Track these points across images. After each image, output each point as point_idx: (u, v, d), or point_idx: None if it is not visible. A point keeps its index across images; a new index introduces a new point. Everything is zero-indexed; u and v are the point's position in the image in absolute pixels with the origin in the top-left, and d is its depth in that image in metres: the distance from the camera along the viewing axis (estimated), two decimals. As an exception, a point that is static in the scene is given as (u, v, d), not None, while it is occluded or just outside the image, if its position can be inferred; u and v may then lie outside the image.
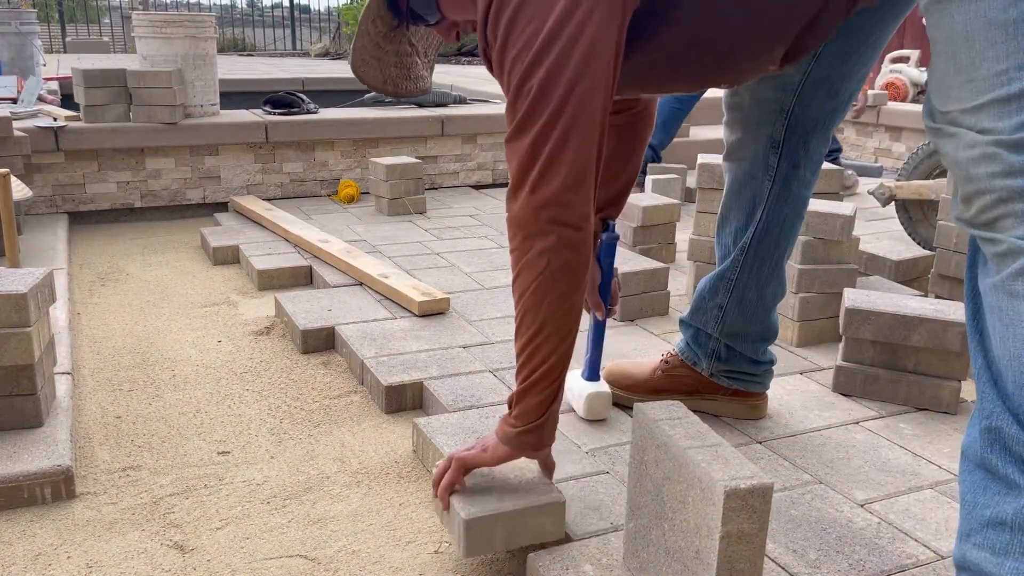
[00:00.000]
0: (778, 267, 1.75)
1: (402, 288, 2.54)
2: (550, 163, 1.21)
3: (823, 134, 1.68)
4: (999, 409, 1.02)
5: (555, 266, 1.25)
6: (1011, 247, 0.99)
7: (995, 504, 1.01)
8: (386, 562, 1.44)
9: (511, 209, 1.27)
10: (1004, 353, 1.02)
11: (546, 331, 1.28)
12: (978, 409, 1.06)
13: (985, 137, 0.99)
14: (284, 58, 10.86)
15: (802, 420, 1.84)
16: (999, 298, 1.02)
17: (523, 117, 1.22)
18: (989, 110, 0.98)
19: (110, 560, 1.43)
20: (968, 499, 1.06)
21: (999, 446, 1.02)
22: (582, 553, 1.34)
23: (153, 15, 3.98)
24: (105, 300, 2.75)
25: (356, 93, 4.96)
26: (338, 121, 4.08)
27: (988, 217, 1.02)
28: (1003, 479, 1.01)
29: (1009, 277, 1.00)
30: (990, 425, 1.03)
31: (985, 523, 1.02)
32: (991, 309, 1.04)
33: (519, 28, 1.19)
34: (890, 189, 3.11)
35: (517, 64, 1.20)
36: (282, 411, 1.99)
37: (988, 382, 1.05)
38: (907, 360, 1.93)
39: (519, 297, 1.30)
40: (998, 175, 0.99)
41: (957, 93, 1.02)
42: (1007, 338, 1.01)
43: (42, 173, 3.58)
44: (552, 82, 1.18)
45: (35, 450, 1.64)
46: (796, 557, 1.35)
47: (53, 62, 7.24)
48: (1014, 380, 1.00)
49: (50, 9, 13.49)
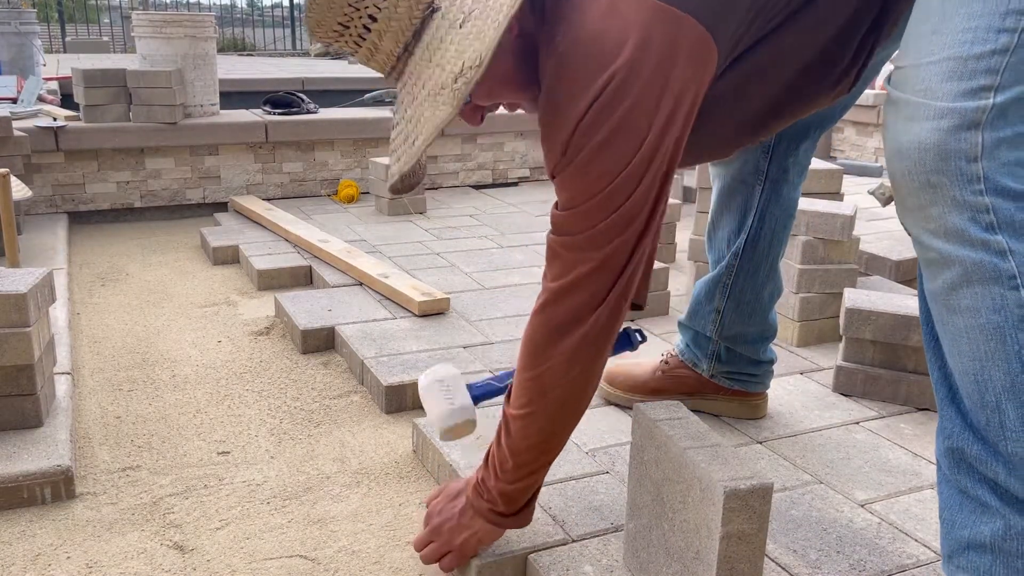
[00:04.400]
0: (773, 268, 1.75)
1: (402, 288, 2.53)
2: (629, 285, 1.16)
3: (814, 139, 1.66)
4: (959, 428, 0.98)
5: (587, 373, 1.20)
6: (940, 256, 0.93)
7: (972, 524, 0.99)
8: (386, 562, 1.44)
9: (552, 313, 1.17)
10: (956, 367, 0.97)
11: (559, 436, 1.27)
12: (940, 425, 1.02)
13: (926, 102, 0.90)
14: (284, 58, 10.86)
15: (802, 420, 1.84)
16: (940, 311, 0.96)
17: (603, 231, 1.12)
18: (940, 67, 0.90)
19: (110, 560, 1.43)
20: (946, 516, 1.03)
21: (965, 467, 0.98)
22: (582, 553, 1.34)
23: (153, 15, 3.98)
24: (105, 300, 2.75)
25: (356, 93, 4.96)
26: (338, 121, 4.08)
27: (913, 202, 0.94)
28: (975, 499, 0.98)
29: (945, 290, 0.94)
30: (952, 447, 0.99)
31: (965, 545, 1.00)
32: (938, 321, 0.98)
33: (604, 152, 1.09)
34: (890, 189, 3.11)
35: (600, 179, 1.10)
36: (282, 411, 1.99)
37: (946, 398, 1.01)
38: (907, 360, 1.93)
39: (542, 409, 1.22)
40: (931, 151, 0.90)
41: (916, 46, 0.94)
42: (955, 354, 0.96)
43: (42, 173, 3.58)
44: (637, 208, 1.12)
45: (35, 450, 1.63)
46: (796, 557, 1.35)
47: (53, 62, 7.24)
48: (969, 397, 0.96)
49: (50, 9, 13.49)
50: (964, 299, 0.92)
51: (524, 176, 4.57)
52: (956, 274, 0.92)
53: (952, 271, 0.92)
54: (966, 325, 0.93)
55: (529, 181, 4.58)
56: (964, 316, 0.93)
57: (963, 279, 0.92)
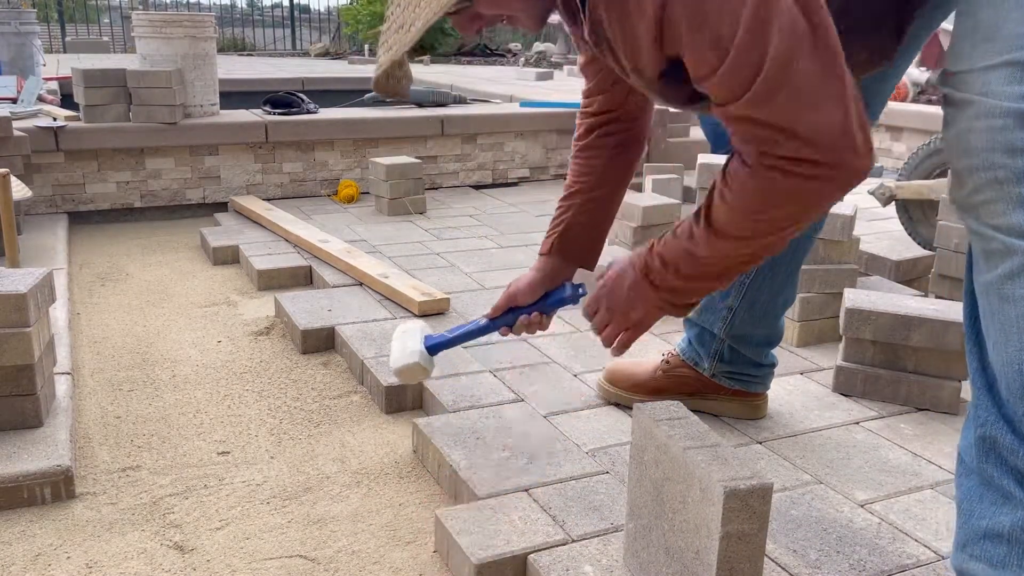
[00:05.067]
0: (793, 274, 1.74)
1: (402, 288, 2.53)
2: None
3: None
4: (993, 417, 0.99)
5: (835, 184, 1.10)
6: (1003, 246, 0.95)
7: (991, 515, 0.99)
8: (386, 562, 1.44)
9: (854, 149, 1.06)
10: (999, 359, 0.99)
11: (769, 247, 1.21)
12: (972, 415, 1.04)
13: (990, 102, 0.94)
14: (284, 58, 10.86)
15: (802, 420, 1.84)
16: (991, 300, 0.99)
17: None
18: (1001, 72, 0.93)
19: (110, 560, 1.43)
20: (964, 506, 1.04)
21: (994, 456, 0.99)
22: (582, 553, 1.34)
23: (153, 15, 3.98)
24: (105, 300, 2.75)
25: (356, 93, 4.96)
26: (338, 121, 4.08)
27: (979, 199, 0.97)
28: (999, 489, 0.99)
29: (1001, 279, 0.96)
30: (985, 434, 1.00)
31: (982, 534, 1.00)
32: (986, 312, 1.01)
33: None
34: (890, 189, 3.11)
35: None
36: (282, 411, 1.99)
37: (983, 388, 1.02)
38: (907, 360, 1.93)
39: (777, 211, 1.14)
40: (998, 150, 0.94)
41: (970, 52, 0.97)
42: (1001, 343, 0.98)
43: (42, 173, 3.58)
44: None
45: (35, 450, 1.63)
46: (796, 557, 1.35)
47: (53, 62, 7.24)
48: (1008, 387, 0.97)
49: (50, 9, 13.48)
50: (1021, 288, 0.94)
51: (524, 176, 4.57)
52: (1017, 264, 0.94)
53: (1014, 261, 0.94)
54: (1018, 314, 0.95)
55: (529, 181, 4.58)
56: (1018, 305, 0.95)
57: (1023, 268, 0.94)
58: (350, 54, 11.64)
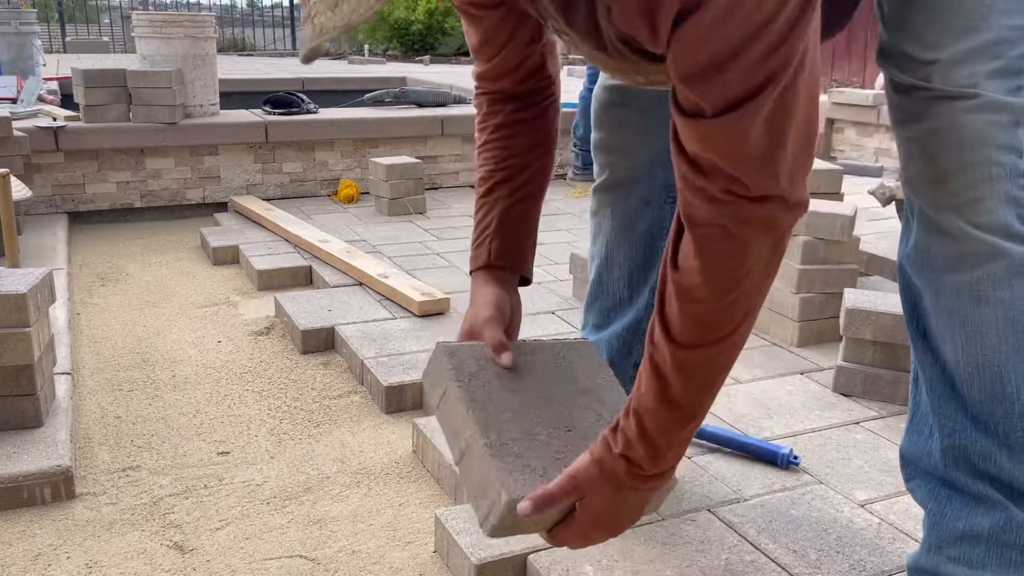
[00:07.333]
0: None
1: (402, 288, 2.53)
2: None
3: None
4: (960, 425, 0.97)
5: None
6: (985, 247, 0.91)
7: (967, 516, 0.98)
8: (386, 562, 1.44)
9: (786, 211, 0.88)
10: (969, 360, 0.95)
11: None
12: (936, 423, 1.00)
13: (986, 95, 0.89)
14: (284, 58, 10.86)
15: (802, 420, 1.84)
16: (962, 301, 0.94)
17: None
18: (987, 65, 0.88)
19: (110, 560, 1.43)
20: (933, 508, 1.02)
21: (964, 464, 0.97)
22: (582, 553, 1.34)
23: (153, 15, 3.98)
24: (105, 300, 2.75)
25: (356, 93, 4.96)
26: (338, 121, 4.08)
27: (967, 196, 0.92)
28: (970, 494, 0.97)
29: (978, 280, 0.93)
30: (953, 444, 0.98)
31: (958, 536, 0.99)
32: (952, 311, 0.96)
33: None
34: (890, 189, 3.11)
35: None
36: (282, 411, 1.99)
37: (944, 394, 0.98)
38: (907, 360, 1.92)
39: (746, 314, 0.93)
40: (994, 146, 0.90)
41: (951, 40, 0.89)
42: (973, 343, 0.94)
43: (42, 173, 3.58)
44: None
45: (35, 450, 1.63)
46: (796, 557, 1.35)
47: (53, 62, 7.24)
48: (981, 389, 0.94)
49: (50, 9, 13.49)
50: (1001, 291, 0.92)
51: (524, 176, 4.57)
52: (1001, 266, 0.92)
53: (997, 263, 0.92)
54: (996, 316, 0.93)
55: (529, 181, 4.57)
56: (996, 307, 0.93)
57: (1007, 271, 0.92)
58: (350, 54, 11.64)
